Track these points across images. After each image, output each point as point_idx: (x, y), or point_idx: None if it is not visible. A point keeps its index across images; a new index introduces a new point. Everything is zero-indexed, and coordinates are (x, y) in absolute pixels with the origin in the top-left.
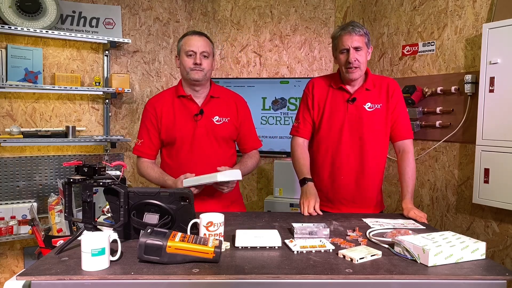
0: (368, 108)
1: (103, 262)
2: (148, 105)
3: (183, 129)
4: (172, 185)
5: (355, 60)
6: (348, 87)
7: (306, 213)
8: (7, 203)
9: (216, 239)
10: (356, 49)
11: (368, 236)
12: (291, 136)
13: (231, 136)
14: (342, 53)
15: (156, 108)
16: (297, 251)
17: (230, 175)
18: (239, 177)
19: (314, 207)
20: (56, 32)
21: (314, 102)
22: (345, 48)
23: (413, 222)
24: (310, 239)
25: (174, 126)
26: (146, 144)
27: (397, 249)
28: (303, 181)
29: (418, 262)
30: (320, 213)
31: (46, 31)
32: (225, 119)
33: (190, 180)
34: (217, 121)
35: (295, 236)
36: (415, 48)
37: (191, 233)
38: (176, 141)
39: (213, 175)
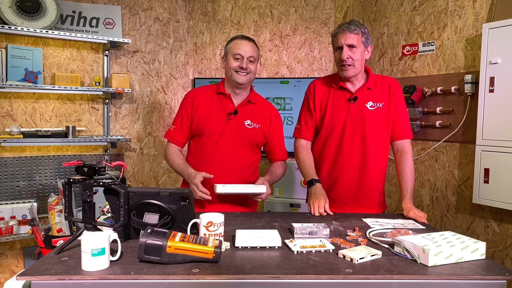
0: (370, 107)
1: (103, 262)
2: (188, 95)
3: (214, 123)
4: (189, 176)
5: (347, 58)
6: (349, 86)
7: (317, 214)
8: (7, 203)
9: (216, 239)
10: (350, 46)
11: (368, 236)
12: (294, 138)
13: (258, 143)
14: (337, 51)
15: (195, 98)
16: (297, 251)
17: (257, 188)
18: (263, 190)
19: (324, 207)
20: (56, 32)
21: (316, 103)
22: (339, 45)
23: (413, 222)
24: (310, 239)
25: (206, 119)
26: (178, 131)
27: (397, 249)
28: (310, 183)
29: (418, 262)
30: (331, 213)
31: (46, 31)
32: (256, 125)
33: (225, 188)
34: (248, 124)
35: (295, 236)
36: (415, 48)
37: (191, 233)
38: (205, 134)
39: (247, 187)
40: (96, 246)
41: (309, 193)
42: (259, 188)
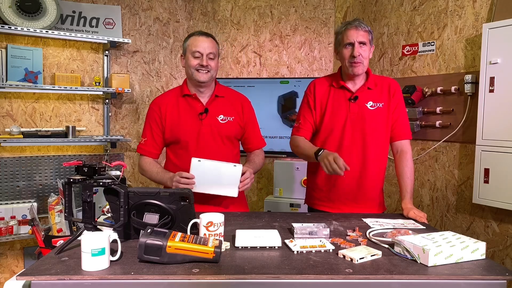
0: (370, 106)
1: (103, 262)
2: (153, 104)
3: (188, 128)
4: (170, 178)
5: (359, 55)
6: (349, 86)
7: (335, 168)
8: (7, 203)
9: (216, 239)
10: (361, 44)
11: (368, 236)
12: (292, 136)
13: (235, 135)
14: (346, 47)
15: (161, 107)
16: (297, 251)
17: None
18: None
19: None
20: (56, 32)
21: (316, 102)
22: (350, 42)
23: (413, 222)
24: (310, 239)
25: (179, 124)
26: (150, 143)
27: (397, 249)
28: (318, 151)
29: (418, 262)
30: (348, 168)
31: (46, 31)
32: (230, 118)
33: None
34: (221, 120)
35: (295, 236)
36: (415, 48)
37: (191, 233)
38: (181, 140)
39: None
40: (96, 246)
41: (320, 158)
42: (236, 169)
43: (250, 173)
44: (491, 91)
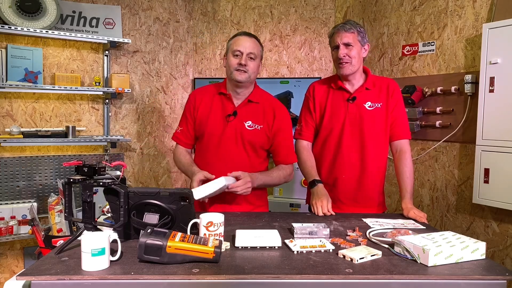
0: (369, 107)
1: (103, 262)
2: (191, 95)
3: (213, 126)
4: (192, 174)
5: (344, 56)
6: (348, 87)
7: (320, 214)
8: (7, 203)
9: (216, 239)
10: (346, 45)
11: (368, 236)
12: (295, 139)
13: (261, 145)
14: (334, 50)
15: (197, 99)
16: (297, 251)
17: (226, 180)
18: (223, 183)
19: (327, 207)
20: (56, 32)
21: (316, 104)
22: (335, 44)
23: (413, 222)
24: (310, 239)
25: (207, 120)
26: (184, 132)
27: (397, 249)
28: (313, 183)
29: (418, 262)
30: (333, 213)
31: (46, 31)
32: (258, 126)
33: (198, 190)
34: (248, 126)
35: (295, 236)
36: (415, 48)
37: (191, 233)
38: (205, 136)
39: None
40: (96, 246)
41: (311, 193)
42: (227, 179)
43: (243, 182)
44: (491, 91)
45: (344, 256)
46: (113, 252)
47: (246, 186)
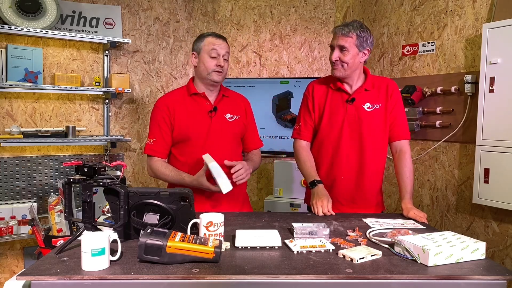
0: (367, 108)
1: (103, 262)
2: (159, 104)
3: (198, 125)
4: (192, 182)
5: (336, 60)
6: (346, 88)
7: (321, 214)
8: (7, 203)
9: (216, 239)
10: (341, 48)
11: (368, 236)
12: (293, 139)
13: (241, 134)
14: (331, 49)
15: (169, 106)
16: (297, 251)
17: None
18: (210, 158)
19: (327, 207)
20: (56, 32)
21: (315, 104)
22: (331, 45)
23: (413, 222)
24: (310, 239)
25: (188, 123)
26: (159, 143)
27: (397, 249)
28: (313, 183)
29: (418, 262)
30: (333, 213)
31: (46, 31)
32: (236, 117)
33: (221, 183)
34: (229, 118)
35: (295, 236)
36: (415, 48)
37: (191, 233)
38: (191, 138)
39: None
40: (96, 246)
41: (311, 194)
42: (207, 155)
43: (242, 165)
44: (491, 91)
45: (344, 256)
46: (113, 252)
47: (248, 172)
